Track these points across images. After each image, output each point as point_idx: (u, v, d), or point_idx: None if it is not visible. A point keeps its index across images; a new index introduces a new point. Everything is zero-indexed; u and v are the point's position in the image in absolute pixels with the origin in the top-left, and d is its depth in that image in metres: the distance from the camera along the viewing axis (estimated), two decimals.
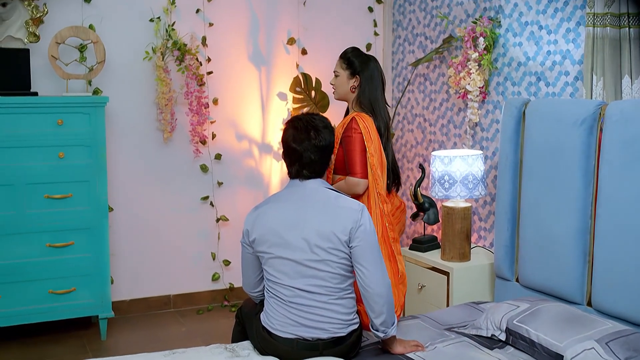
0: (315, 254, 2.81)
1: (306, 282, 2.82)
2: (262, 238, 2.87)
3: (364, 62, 3.60)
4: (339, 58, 3.64)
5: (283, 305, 2.85)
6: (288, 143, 2.89)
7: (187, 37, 4.77)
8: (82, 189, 4.26)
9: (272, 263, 2.87)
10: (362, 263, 2.81)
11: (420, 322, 3.39)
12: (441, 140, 4.90)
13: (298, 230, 2.82)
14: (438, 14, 4.79)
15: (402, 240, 5.40)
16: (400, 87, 5.36)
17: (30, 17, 4.18)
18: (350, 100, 3.64)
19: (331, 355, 2.85)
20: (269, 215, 2.89)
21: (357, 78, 3.58)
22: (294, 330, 2.83)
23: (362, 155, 3.44)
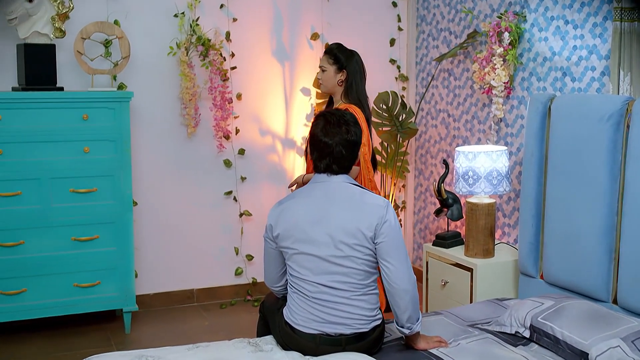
0: (340, 250, 2.79)
1: (330, 279, 2.80)
2: (286, 233, 2.86)
3: (349, 57, 3.79)
4: (325, 54, 3.81)
5: (306, 300, 2.84)
6: (319, 137, 2.85)
7: (211, 33, 4.78)
8: (107, 183, 4.29)
9: (296, 259, 2.86)
10: (387, 259, 2.79)
11: (444, 318, 3.38)
12: (465, 136, 4.87)
13: (323, 226, 2.81)
14: (463, 9, 4.76)
15: (425, 236, 5.39)
16: (424, 82, 5.33)
17: (57, 12, 4.20)
18: (337, 93, 3.81)
19: (354, 350, 2.85)
20: (293, 210, 2.88)
21: (344, 72, 3.76)
22: (317, 326, 2.83)
23: None
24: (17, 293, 4.18)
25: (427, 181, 5.34)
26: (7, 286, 4.16)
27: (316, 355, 2.86)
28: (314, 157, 2.90)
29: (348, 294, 2.81)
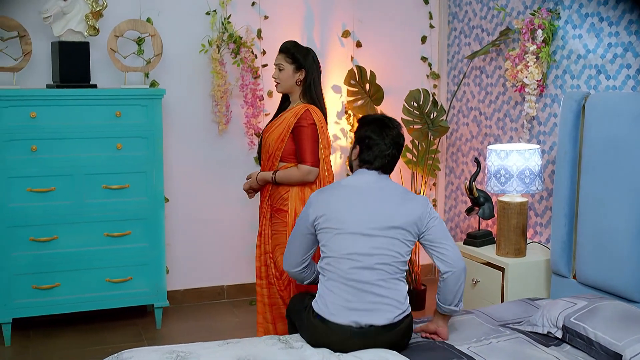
0: (384, 229, 2.88)
1: (369, 259, 2.86)
2: (331, 215, 2.93)
3: (307, 56, 3.68)
4: (280, 52, 3.68)
5: (341, 284, 2.88)
6: (370, 136, 2.99)
7: (242, 30, 4.80)
8: (139, 179, 4.33)
9: (336, 239, 2.91)
10: (442, 242, 2.94)
11: (475, 317, 3.36)
12: (497, 134, 4.83)
13: (366, 214, 2.90)
14: (495, 6, 4.72)
15: (456, 234, 5.36)
16: (456, 80, 5.30)
17: (90, 11, 4.25)
18: (294, 92, 3.70)
19: (383, 342, 2.87)
20: (337, 197, 2.99)
21: (303, 71, 3.65)
22: (349, 315, 2.85)
23: (314, 145, 3.58)
24: (50, 287, 4.23)
25: (458, 179, 5.31)
26: (41, 281, 4.22)
27: (345, 350, 2.86)
28: (364, 155, 3.01)
29: (384, 275, 2.87)
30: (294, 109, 3.64)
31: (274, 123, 3.70)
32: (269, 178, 3.64)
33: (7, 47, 4.27)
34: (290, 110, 3.66)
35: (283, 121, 3.63)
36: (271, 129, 3.68)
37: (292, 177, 3.59)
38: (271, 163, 3.65)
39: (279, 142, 3.61)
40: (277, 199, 3.64)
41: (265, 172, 3.66)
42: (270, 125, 3.72)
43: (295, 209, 3.60)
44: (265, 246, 3.69)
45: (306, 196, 3.60)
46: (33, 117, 4.11)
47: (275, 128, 3.64)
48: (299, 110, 3.61)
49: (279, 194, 3.64)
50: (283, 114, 3.69)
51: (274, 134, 3.64)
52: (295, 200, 3.61)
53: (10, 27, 4.20)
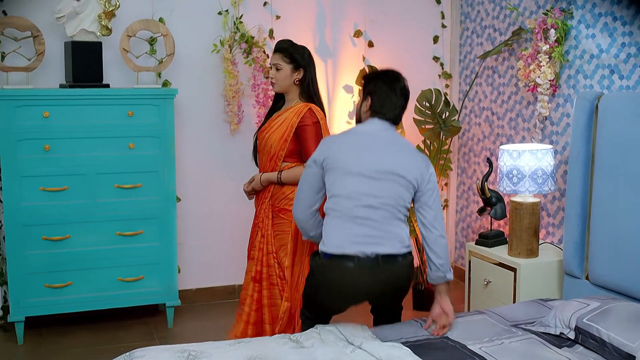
0: (387, 175, 3.02)
1: (374, 200, 3.00)
2: (338, 157, 3.07)
3: (303, 54, 3.67)
4: (277, 52, 3.66)
5: (347, 221, 3.01)
6: (382, 87, 3.14)
7: (254, 30, 4.81)
8: (151, 179, 4.34)
9: (343, 179, 3.04)
10: (429, 205, 3.09)
11: (487, 317, 3.35)
12: (509, 134, 4.82)
13: (373, 159, 3.04)
14: (508, 6, 4.70)
15: (467, 234, 5.34)
16: (468, 80, 5.28)
17: (103, 10, 4.26)
18: (292, 92, 3.69)
19: (388, 276, 3.01)
20: (348, 141, 3.13)
21: (301, 71, 3.65)
22: (355, 246, 2.98)
23: (317, 143, 3.53)
24: (63, 286, 4.25)
25: (470, 180, 5.30)
26: (53, 279, 4.24)
27: (354, 289, 3.00)
28: (376, 107, 3.13)
29: (387, 215, 3.01)
30: (294, 108, 3.63)
31: (272, 123, 3.68)
32: (274, 179, 3.63)
33: (21, 47, 4.29)
34: (290, 109, 3.65)
35: (284, 121, 3.61)
36: (271, 129, 3.66)
37: (299, 176, 3.55)
38: (274, 163, 3.64)
39: (282, 142, 3.60)
40: (281, 199, 3.64)
41: (270, 173, 3.65)
42: (267, 126, 3.71)
43: None
44: (268, 247, 3.68)
45: None
46: (46, 116, 4.13)
47: (277, 128, 3.63)
48: (301, 110, 3.61)
49: (283, 194, 3.63)
50: (281, 114, 3.67)
51: (276, 134, 3.62)
52: None
53: (23, 27, 4.22)
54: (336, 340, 2.95)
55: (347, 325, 3.07)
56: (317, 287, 3.13)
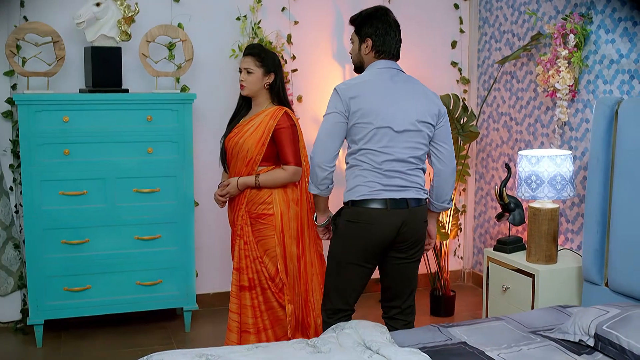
0: (414, 126, 3.18)
1: (402, 152, 3.16)
2: (366, 112, 3.14)
3: (274, 59, 3.72)
4: (249, 55, 3.68)
5: (377, 172, 3.15)
6: (379, 26, 3.27)
7: (272, 35, 4.82)
8: (170, 183, 4.36)
9: (373, 134, 3.14)
10: (445, 141, 3.29)
11: (505, 323, 3.33)
12: (527, 140, 4.79)
13: (400, 110, 3.16)
14: (526, 11, 4.69)
15: (485, 240, 5.32)
16: (486, 85, 5.27)
17: (123, 16, 4.29)
18: (261, 96, 3.72)
19: (414, 217, 3.21)
20: (370, 92, 3.17)
21: (272, 75, 3.69)
22: (385, 194, 3.15)
23: (296, 146, 3.67)
24: (82, 290, 4.28)
25: (488, 185, 5.28)
26: (72, 283, 4.27)
27: (386, 227, 3.15)
28: (379, 46, 3.25)
29: (412, 166, 3.20)
30: (268, 112, 3.67)
31: (245, 127, 3.68)
32: (251, 182, 3.64)
33: (41, 53, 4.33)
34: (263, 113, 3.68)
35: (260, 124, 3.63)
36: (244, 134, 3.66)
37: (279, 179, 3.65)
38: (250, 168, 3.66)
39: (259, 146, 3.62)
40: (258, 205, 3.67)
41: (247, 177, 3.66)
42: (238, 130, 3.71)
43: (281, 211, 3.67)
44: (253, 253, 3.70)
45: (290, 197, 3.70)
46: (66, 121, 4.16)
47: (252, 132, 3.64)
48: (276, 113, 3.65)
49: (260, 199, 3.66)
50: (252, 118, 3.69)
51: (252, 138, 3.63)
52: (279, 202, 3.67)
53: (44, 32, 4.26)
54: (354, 345, 2.94)
55: (366, 327, 3.06)
56: (345, 240, 3.24)
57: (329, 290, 3.37)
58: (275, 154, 3.67)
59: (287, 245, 3.71)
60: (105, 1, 4.24)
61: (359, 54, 3.33)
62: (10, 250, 4.47)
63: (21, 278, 4.51)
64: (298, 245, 3.75)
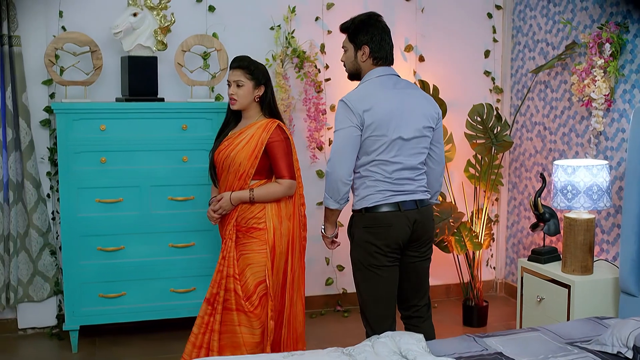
0: (420, 132, 3.27)
1: (410, 159, 3.26)
2: (378, 124, 3.19)
3: (264, 70, 3.62)
4: (238, 68, 3.58)
5: (386, 181, 3.24)
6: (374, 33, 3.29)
7: (306, 45, 4.85)
8: (204, 191, 4.39)
9: (386, 146, 3.21)
10: (440, 142, 3.41)
11: (541, 334, 3.30)
12: (562, 150, 4.76)
13: (407, 118, 3.23)
14: (561, 20, 4.66)
15: (518, 250, 5.29)
16: (519, 94, 5.24)
17: (159, 26, 4.34)
18: (251, 109, 3.62)
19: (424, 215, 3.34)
20: (379, 104, 3.21)
21: (262, 87, 3.59)
22: (395, 198, 3.25)
23: (290, 159, 3.59)
24: (117, 296, 4.32)
25: (521, 195, 5.24)
26: (108, 289, 4.31)
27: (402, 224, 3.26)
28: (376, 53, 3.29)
29: (419, 172, 3.33)
30: (260, 124, 3.57)
31: (237, 140, 3.57)
32: (245, 197, 3.53)
33: (79, 62, 4.39)
34: (255, 125, 3.58)
35: (252, 137, 3.53)
36: (235, 147, 3.55)
37: (274, 193, 3.55)
38: (243, 182, 3.55)
39: (252, 159, 3.52)
40: (249, 219, 3.55)
41: (241, 192, 3.54)
42: (229, 144, 3.60)
43: (273, 226, 3.54)
44: (228, 269, 3.55)
45: (283, 211, 3.59)
46: (103, 129, 4.22)
47: (245, 145, 3.53)
48: (269, 126, 3.56)
49: (251, 213, 3.55)
50: (243, 131, 3.59)
51: (245, 152, 3.53)
52: (272, 217, 3.55)
53: (82, 42, 4.33)
54: (390, 354, 2.94)
55: (402, 336, 3.05)
56: (366, 246, 3.29)
57: (365, 300, 3.39)
58: (268, 168, 3.58)
59: (276, 260, 3.57)
60: (142, 11, 4.29)
61: (355, 62, 3.36)
62: (47, 256, 4.54)
63: (57, 284, 4.57)
64: (286, 260, 3.62)
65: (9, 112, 4.33)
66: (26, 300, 4.53)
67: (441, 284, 5.40)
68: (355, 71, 3.39)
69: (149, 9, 4.32)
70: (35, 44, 4.44)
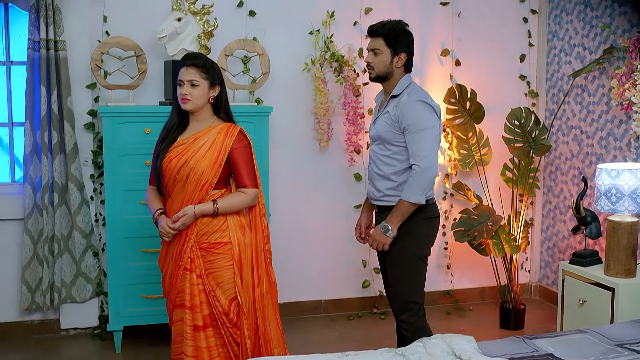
0: None
1: None
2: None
3: (218, 70, 3.33)
4: (193, 67, 3.25)
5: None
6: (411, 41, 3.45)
7: (344, 49, 4.89)
8: None
9: None
10: None
11: (589, 336, 3.32)
12: (599, 153, 4.78)
13: None
14: (600, 24, 4.69)
15: (553, 254, 5.30)
16: (555, 98, 5.26)
17: (203, 31, 4.40)
18: (204, 111, 3.31)
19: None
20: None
21: (218, 88, 3.31)
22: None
23: (252, 167, 3.33)
24: (160, 297, 4.35)
25: (556, 198, 5.26)
26: (151, 291, 4.36)
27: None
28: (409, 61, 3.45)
29: None
30: (220, 129, 3.28)
31: (194, 146, 3.25)
32: (210, 210, 3.23)
33: (125, 66, 4.46)
34: (213, 130, 3.28)
35: (214, 143, 3.24)
36: (195, 154, 3.23)
37: (239, 204, 3.29)
38: (204, 192, 3.24)
39: (216, 168, 3.24)
40: (212, 233, 3.26)
41: (203, 205, 3.23)
42: (183, 150, 3.26)
43: (237, 238, 3.28)
44: (206, 287, 3.29)
45: (245, 222, 3.34)
46: (147, 132, 4.27)
47: (206, 152, 3.23)
48: (231, 131, 3.28)
49: (215, 226, 3.26)
50: (199, 136, 3.27)
51: (207, 160, 3.22)
52: (235, 229, 3.29)
53: (127, 46, 4.39)
54: (443, 354, 2.97)
55: (454, 337, 3.09)
56: (426, 237, 3.48)
57: (417, 289, 3.50)
58: (227, 176, 3.33)
59: (244, 274, 3.32)
60: (185, 16, 4.35)
61: (389, 66, 3.43)
62: (90, 258, 4.60)
63: (99, 285, 4.63)
64: (252, 274, 3.35)
65: (55, 115, 4.39)
66: (69, 301, 4.59)
67: (476, 286, 5.43)
68: (385, 75, 3.45)
69: (193, 13, 4.38)
70: (79, 49, 4.51)
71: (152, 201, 3.44)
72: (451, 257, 5.34)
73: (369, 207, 3.77)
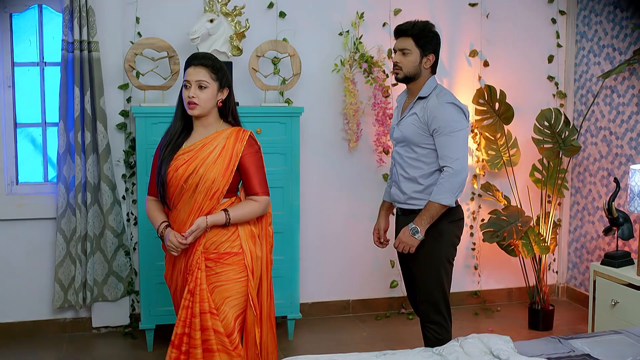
0: None
1: None
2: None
3: (227, 72, 3.15)
4: (201, 66, 3.07)
5: None
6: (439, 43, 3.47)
7: (374, 50, 4.91)
8: (277, 194, 4.46)
9: None
10: None
11: (625, 337, 3.32)
12: (629, 154, 4.77)
13: None
14: (630, 25, 4.68)
15: (581, 255, 5.29)
16: (584, 99, 5.26)
17: (234, 32, 4.43)
18: (211, 115, 3.12)
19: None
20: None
21: (226, 90, 3.13)
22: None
23: (263, 173, 3.18)
24: None
25: (584, 199, 5.25)
26: None
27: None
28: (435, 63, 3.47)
29: None
30: (229, 134, 3.11)
31: (203, 153, 3.06)
32: (222, 220, 3.05)
33: (158, 67, 4.50)
34: (221, 135, 3.11)
35: (224, 149, 3.06)
36: (204, 161, 3.05)
37: (251, 213, 3.12)
38: (215, 201, 3.07)
39: (228, 175, 3.07)
40: (221, 242, 3.08)
41: (215, 215, 3.05)
42: (191, 157, 3.07)
43: (250, 249, 3.11)
44: (201, 305, 3.04)
45: (255, 231, 3.19)
46: None
47: (217, 158, 3.06)
48: (241, 135, 3.11)
49: (224, 236, 3.08)
50: (208, 142, 3.09)
51: (218, 167, 3.05)
52: (247, 238, 3.13)
53: (160, 47, 4.43)
54: (481, 354, 2.98)
55: (490, 337, 3.10)
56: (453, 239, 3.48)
57: (445, 291, 3.51)
58: (237, 184, 3.16)
59: (258, 286, 3.19)
60: (217, 17, 4.38)
61: (418, 67, 3.44)
62: (122, 257, 4.64)
63: (130, 284, 4.67)
64: (260, 288, 3.23)
65: (88, 115, 4.44)
66: (100, 299, 4.64)
67: (503, 287, 5.43)
68: (413, 75, 3.46)
69: (225, 15, 4.41)
70: (112, 50, 4.55)
71: (154, 213, 3.24)
72: (478, 258, 5.34)
73: (386, 210, 3.79)
